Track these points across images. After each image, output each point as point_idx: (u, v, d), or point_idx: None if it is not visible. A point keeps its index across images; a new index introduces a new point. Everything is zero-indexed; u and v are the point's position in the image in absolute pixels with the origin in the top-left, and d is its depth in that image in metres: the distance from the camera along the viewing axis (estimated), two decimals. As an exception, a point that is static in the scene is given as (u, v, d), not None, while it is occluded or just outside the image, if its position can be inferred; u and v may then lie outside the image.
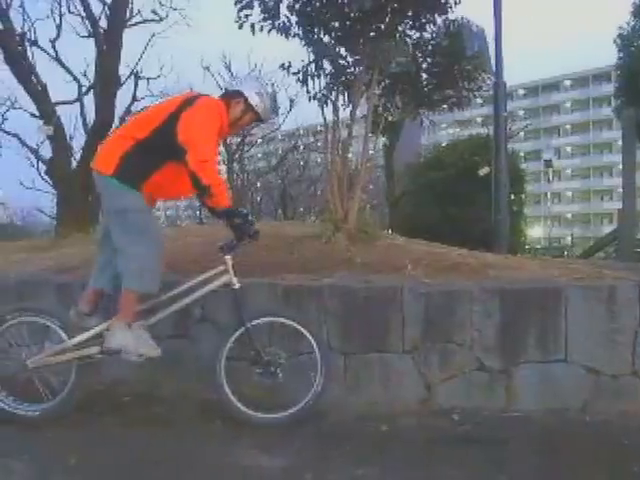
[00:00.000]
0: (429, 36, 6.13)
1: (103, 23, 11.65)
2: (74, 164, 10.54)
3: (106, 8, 12.17)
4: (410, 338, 3.77)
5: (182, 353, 4.02)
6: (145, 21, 17.78)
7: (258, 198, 33.80)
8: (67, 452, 3.07)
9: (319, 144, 26.20)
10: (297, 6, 5.52)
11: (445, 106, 6.70)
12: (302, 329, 3.57)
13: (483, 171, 10.90)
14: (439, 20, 5.99)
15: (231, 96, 3.59)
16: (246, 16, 5.55)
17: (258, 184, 33.47)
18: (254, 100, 3.56)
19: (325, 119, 5.92)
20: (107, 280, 3.62)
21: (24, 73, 9.90)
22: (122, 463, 3.04)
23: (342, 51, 5.71)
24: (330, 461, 3.06)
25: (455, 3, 5.77)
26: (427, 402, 3.74)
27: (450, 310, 3.77)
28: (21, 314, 3.57)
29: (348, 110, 5.94)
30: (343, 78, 5.76)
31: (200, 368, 3.93)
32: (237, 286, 3.51)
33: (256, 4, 5.50)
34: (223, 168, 27.29)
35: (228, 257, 3.51)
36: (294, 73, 5.83)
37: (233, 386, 3.54)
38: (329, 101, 5.85)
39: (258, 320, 3.58)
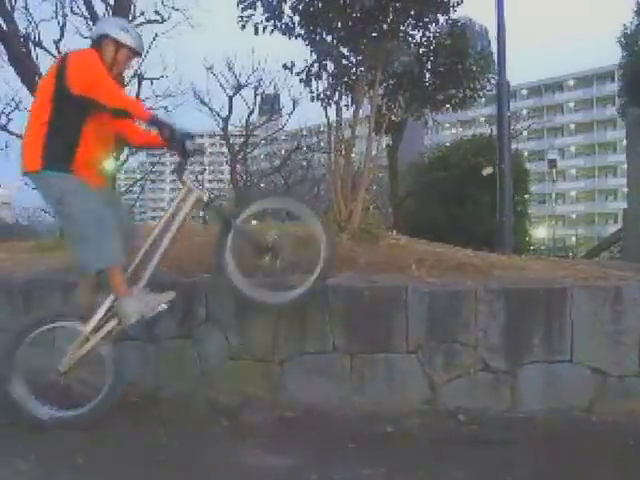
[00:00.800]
0: (432, 36, 6.13)
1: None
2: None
3: (109, 9, 12.20)
4: (415, 338, 3.77)
5: (186, 354, 4.02)
6: (148, 22, 17.83)
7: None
8: (73, 452, 3.06)
9: (322, 144, 26.21)
10: (300, 6, 5.53)
11: (448, 106, 6.69)
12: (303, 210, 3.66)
13: (487, 171, 10.90)
14: (442, 20, 5.99)
15: (99, 41, 3.53)
16: (249, 16, 5.55)
17: (262, 185, 33.49)
18: (120, 36, 3.51)
19: (328, 119, 5.93)
20: None
21: (28, 74, 9.92)
22: (128, 463, 3.04)
23: (345, 51, 5.71)
24: (335, 461, 3.05)
25: (458, 3, 5.77)
26: (432, 402, 3.73)
27: (455, 310, 3.76)
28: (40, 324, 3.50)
29: (351, 110, 5.94)
30: (346, 78, 5.76)
31: (205, 369, 3.95)
32: (205, 197, 3.53)
33: (259, 4, 5.51)
34: (226, 169, 27.29)
35: (184, 177, 3.54)
36: (297, 73, 5.84)
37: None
38: (332, 101, 5.85)
39: (243, 214, 3.64)
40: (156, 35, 19.50)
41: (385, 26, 5.54)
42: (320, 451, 3.17)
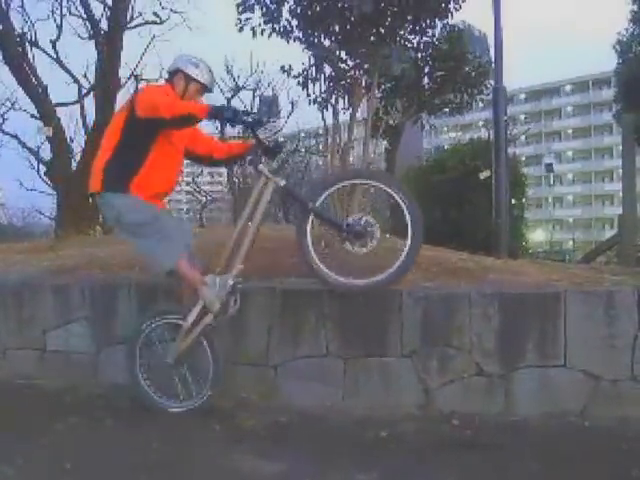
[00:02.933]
0: (430, 40, 6.14)
1: (104, 25, 11.66)
2: (74, 166, 10.54)
3: (107, 10, 12.18)
4: (409, 342, 3.76)
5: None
6: (146, 23, 17.79)
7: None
8: (61, 456, 3.05)
9: (320, 147, 26.20)
10: (298, 9, 5.53)
11: (446, 110, 6.71)
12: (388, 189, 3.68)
13: (484, 174, 10.88)
14: (439, 25, 6.00)
15: (171, 75, 3.75)
16: (247, 19, 5.56)
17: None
18: (191, 70, 3.70)
19: (325, 123, 5.93)
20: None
21: (24, 74, 9.91)
22: (119, 468, 3.02)
23: (342, 55, 5.71)
24: (329, 466, 3.03)
25: (456, 9, 5.78)
26: (426, 407, 3.72)
27: (449, 314, 3.76)
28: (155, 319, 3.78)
29: (348, 113, 5.94)
30: (343, 82, 5.76)
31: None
32: (282, 183, 3.65)
33: (257, 7, 5.51)
34: (224, 171, 27.24)
35: (261, 166, 3.65)
36: (295, 76, 5.84)
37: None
38: (329, 104, 5.85)
39: (323, 195, 3.72)
40: (154, 37, 19.47)
41: (383, 30, 5.55)
42: (313, 456, 3.15)
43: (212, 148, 3.98)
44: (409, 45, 5.99)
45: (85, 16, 13.06)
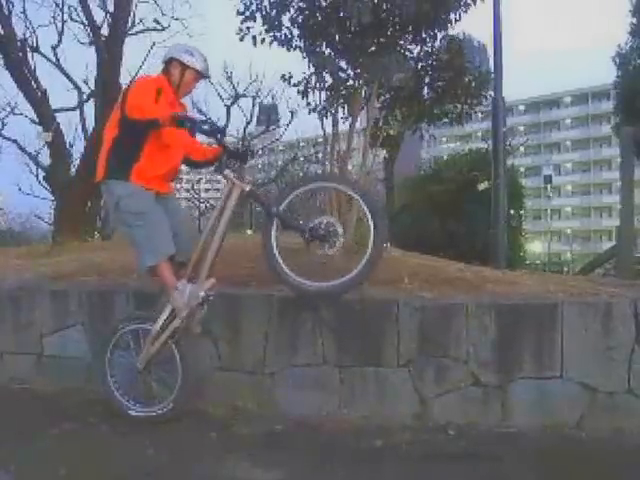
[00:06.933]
0: (430, 51, 6.17)
1: (105, 31, 11.70)
2: (73, 171, 10.53)
3: (108, 16, 12.22)
4: (405, 352, 3.76)
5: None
6: (147, 30, 17.87)
7: (257, 209, 33.73)
8: (57, 463, 3.04)
9: (319, 156, 26.25)
10: (299, 19, 5.56)
11: (446, 120, 6.72)
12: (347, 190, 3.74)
13: (482, 185, 10.89)
14: (440, 35, 6.02)
15: (166, 65, 3.81)
16: (247, 28, 5.58)
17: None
18: (186, 58, 3.76)
19: (324, 132, 5.94)
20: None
21: (24, 79, 9.92)
22: (113, 475, 3.01)
23: (342, 64, 5.73)
24: (324, 475, 3.03)
25: (455, 20, 5.80)
26: (422, 417, 3.71)
27: (446, 325, 3.75)
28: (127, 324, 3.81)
29: (348, 123, 5.96)
30: (343, 91, 5.78)
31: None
32: (247, 188, 3.66)
33: (258, 16, 5.53)
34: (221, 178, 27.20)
35: (227, 171, 3.66)
36: (295, 85, 5.86)
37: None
38: (329, 113, 5.87)
39: (287, 200, 3.71)
40: (154, 44, 19.54)
41: (383, 40, 5.57)
42: (309, 465, 3.15)
43: (192, 150, 3.96)
44: (409, 55, 6.01)
45: (86, 22, 13.11)
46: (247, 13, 5.54)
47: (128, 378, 3.75)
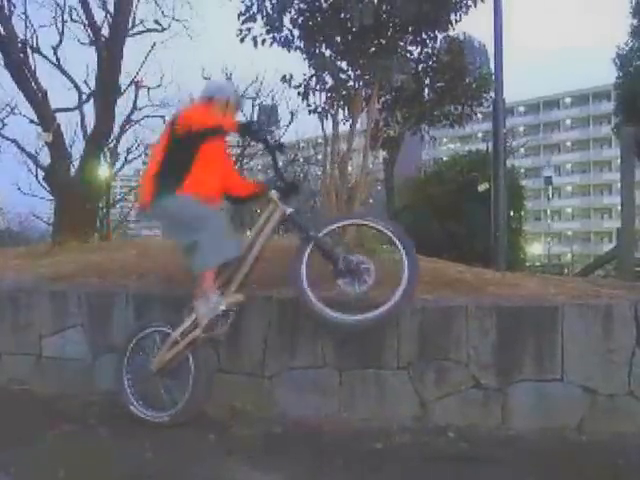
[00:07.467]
0: (431, 52, 6.17)
1: (105, 31, 11.68)
2: (73, 171, 10.50)
3: (108, 17, 12.20)
4: (406, 354, 3.75)
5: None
6: (147, 30, 17.87)
7: (257, 210, 33.72)
8: (56, 465, 3.02)
9: (319, 157, 26.24)
10: (300, 20, 5.56)
11: (446, 122, 6.72)
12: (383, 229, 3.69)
13: (482, 187, 10.88)
14: (440, 36, 6.02)
15: (209, 100, 3.89)
16: (248, 29, 5.58)
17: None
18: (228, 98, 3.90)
19: (325, 133, 5.93)
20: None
21: (25, 79, 9.89)
22: (113, 477, 3.00)
23: (343, 65, 5.73)
24: (323, 478, 3.02)
25: (456, 21, 5.80)
26: (422, 419, 3.71)
27: (446, 327, 3.75)
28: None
29: (348, 124, 5.95)
30: (344, 92, 5.78)
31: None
32: (289, 211, 3.63)
33: (259, 17, 5.53)
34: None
35: (272, 192, 3.67)
36: (295, 86, 5.86)
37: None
38: (329, 115, 5.86)
39: (326, 229, 3.68)
40: (154, 44, 19.54)
41: (383, 42, 5.57)
42: (308, 467, 3.13)
43: (235, 185, 3.98)
44: (410, 56, 6.01)
45: (87, 22, 13.09)
46: (248, 14, 5.54)
47: (140, 378, 3.75)
